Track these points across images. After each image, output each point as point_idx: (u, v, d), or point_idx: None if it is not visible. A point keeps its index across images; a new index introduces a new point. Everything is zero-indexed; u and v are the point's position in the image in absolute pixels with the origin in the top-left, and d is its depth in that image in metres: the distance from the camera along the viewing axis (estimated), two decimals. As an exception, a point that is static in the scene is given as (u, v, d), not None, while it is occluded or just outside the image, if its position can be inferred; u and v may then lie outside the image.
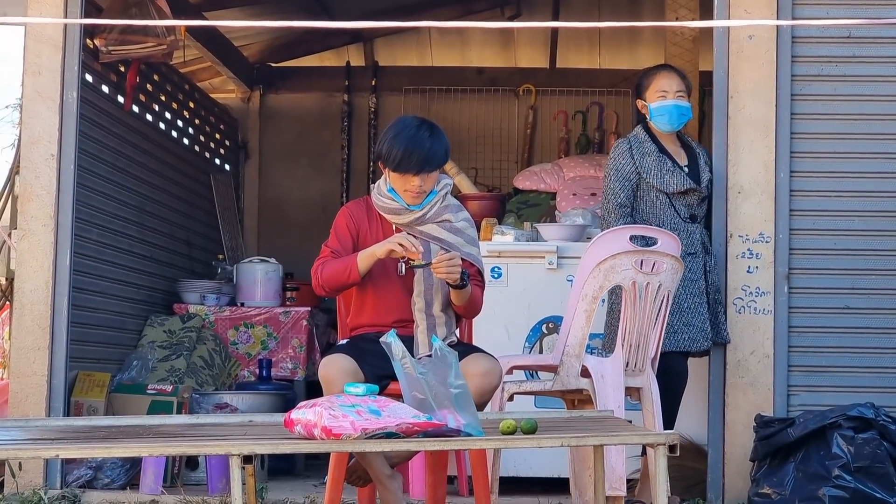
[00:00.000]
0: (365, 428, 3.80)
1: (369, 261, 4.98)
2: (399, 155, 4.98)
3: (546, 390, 5.57)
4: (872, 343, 6.05)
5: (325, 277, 5.04)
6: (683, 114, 5.99)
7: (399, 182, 5.04)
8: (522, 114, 10.49)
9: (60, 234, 6.31)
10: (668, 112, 5.96)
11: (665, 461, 3.90)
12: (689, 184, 5.93)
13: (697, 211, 6.00)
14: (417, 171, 4.99)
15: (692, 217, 5.97)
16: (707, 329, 5.87)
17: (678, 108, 5.97)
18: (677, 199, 5.95)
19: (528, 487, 6.38)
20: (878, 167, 6.09)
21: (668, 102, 5.97)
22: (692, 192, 5.96)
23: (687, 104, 6.01)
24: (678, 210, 5.95)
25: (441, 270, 4.90)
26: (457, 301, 5.06)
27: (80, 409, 6.69)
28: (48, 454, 4.04)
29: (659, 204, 5.94)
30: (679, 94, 5.98)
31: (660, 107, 5.98)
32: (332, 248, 5.10)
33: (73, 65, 6.34)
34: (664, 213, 5.93)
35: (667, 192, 5.93)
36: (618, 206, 5.92)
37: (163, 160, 8.42)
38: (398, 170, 5.00)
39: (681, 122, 6.02)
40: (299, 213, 10.54)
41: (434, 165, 5.02)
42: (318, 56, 10.91)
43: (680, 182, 5.92)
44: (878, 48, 6.11)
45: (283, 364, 8.12)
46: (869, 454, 5.45)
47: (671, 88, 5.98)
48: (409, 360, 4.02)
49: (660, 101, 5.98)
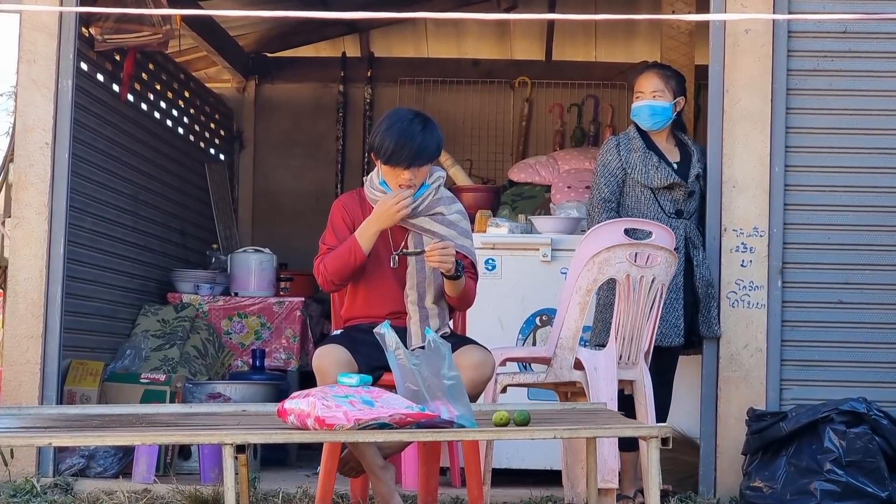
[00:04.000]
0: (358, 418, 3.80)
1: (369, 235, 4.98)
2: (390, 148, 4.98)
3: (539, 382, 5.57)
4: (865, 338, 6.05)
5: (330, 270, 5.03)
6: (657, 113, 5.99)
7: (390, 175, 5.04)
8: (518, 106, 10.48)
9: (54, 222, 6.30)
10: (641, 112, 6.00)
11: (657, 454, 3.90)
12: (673, 178, 5.92)
13: (684, 206, 6.00)
14: (407, 165, 4.99)
15: (678, 213, 5.97)
16: (680, 325, 5.85)
17: (651, 108, 5.98)
18: (662, 194, 5.95)
19: (520, 479, 6.39)
20: (874, 162, 6.10)
21: (642, 103, 6.00)
22: (678, 188, 5.96)
23: (663, 104, 5.98)
24: (663, 205, 5.95)
25: (434, 259, 4.89)
26: (450, 292, 5.05)
27: (74, 397, 6.69)
28: (41, 442, 4.05)
29: (644, 199, 5.95)
30: (656, 95, 5.98)
31: (635, 107, 6.04)
32: (329, 245, 5.10)
33: (69, 53, 6.33)
34: (649, 208, 5.94)
35: (651, 188, 5.93)
36: (601, 200, 5.94)
37: (157, 149, 8.41)
38: (389, 163, 5.01)
39: (654, 122, 6.00)
40: (294, 204, 10.53)
41: (424, 160, 5.02)
42: (314, 46, 10.89)
43: (664, 176, 5.92)
44: (874, 43, 6.11)
45: (277, 354, 8.12)
46: (860, 448, 5.46)
47: (647, 89, 6.00)
48: (402, 351, 4.03)
49: (636, 101, 6.04)
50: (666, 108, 5.99)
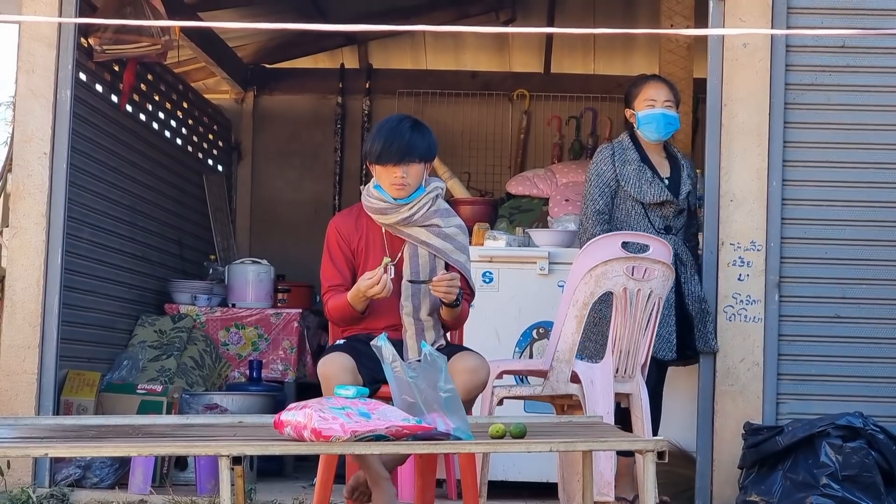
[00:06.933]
0: (354, 430, 3.80)
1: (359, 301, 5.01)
2: (380, 146, 5.03)
3: (536, 395, 5.57)
4: (862, 352, 6.06)
5: (335, 318, 5.14)
6: (671, 123, 5.99)
7: (384, 175, 5.06)
8: (516, 118, 10.50)
9: (52, 232, 6.30)
10: (656, 120, 5.97)
11: (653, 467, 3.90)
12: (667, 195, 5.93)
13: (673, 223, 5.99)
14: (398, 161, 5.01)
15: (667, 228, 5.96)
16: (673, 340, 5.86)
17: (666, 116, 5.97)
18: (653, 210, 5.95)
19: (516, 491, 6.38)
20: (871, 177, 6.10)
21: (656, 111, 5.96)
22: (669, 204, 5.96)
23: (675, 114, 6.01)
24: (653, 221, 5.94)
25: (440, 290, 4.94)
26: (446, 317, 5.11)
27: (70, 408, 6.69)
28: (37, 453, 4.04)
29: (634, 213, 5.94)
30: (667, 104, 5.98)
31: (647, 115, 5.98)
32: (330, 283, 5.14)
33: (67, 63, 6.34)
34: (638, 222, 5.93)
35: (643, 203, 5.93)
36: (596, 212, 5.93)
37: (155, 160, 8.41)
38: (380, 161, 5.04)
39: (668, 132, 6.01)
40: (291, 215, 10.54)
41: (415, 156, 5.04)
42: (313, 58, 10.91)
43: (657, 193, 5.91)
44: (872, 58, 6.12)
45: (274, 365, 8.12)
46: (857, 463, 5.46)
47: (659, 98, 5.98)
48: (399, 363, 4.03)
49: (648, 109, 5.98)
50: (677, 118, 6.01)
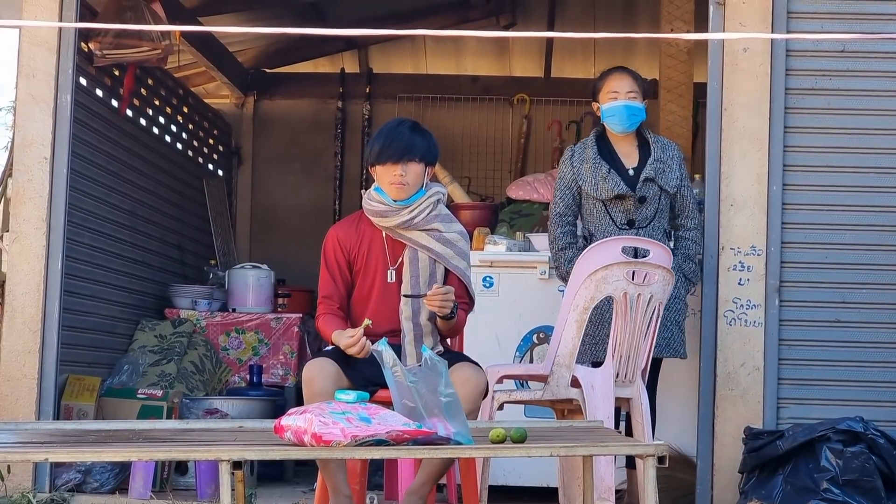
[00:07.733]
0: (355, 435, 3.80)
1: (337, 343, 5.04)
2: (379, 146, 5.08)
3: (536, 400, 5.57)
4: (862, 357, 6.05)
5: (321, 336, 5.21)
6: (634, 114, 5.89)
7: (383, 175, 5.09)
8: (516, 123, 10.50)
9: (52, 237, 6.30)
10: (619, 112, 5.90)
11: (654, 472, 3.90)
12: (620, 189, 5.82)
13: (636, 216, 5.89)
14: (397, 160, 5.05)
15: (629, 223, 5.88)
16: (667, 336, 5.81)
17: (628, 108, 5.89)
18: (612, 204, 5.86)
19: (516, 496, 6.38)
20: (871, 181, 6.10)
21: (619, 103, 5.89)
22: (628, 198, 5.90)
23: (639, 105, 5.90)
24: (614, 217, 5.87)
25: (434, 304, 4.97)
26: (441, 328, 5.14)
27: (70, 412, 6.68)
28: (37, 457, 4.04)
29: (595, 211, 5.89)
30: (631, 95, 5.90)
31: (610, 107, 5.90)
32: (325, 295, 5.18)
33: (68, 68, 6.34)
34: (600, 219, 5.87)
35: (601, 199, 5.87)
36: (557, 215, 5.92)
37: (156, 164, 8.42)
38: (379, 161, 5.07)
39: (633, 122, 5.91)
40: (292, 220, 10.55)
41: (414, 155, 5.06)
42: (313, 62, 10.92)
43: (610, 188, 5.82)
44: (872, 62, 6.12)
45: (274, 370, 8.12)
46: (857, 468, 5.45)
47: (622, 89, 5.91)
48: (399, 368, 4.03)
49: (610, 101, 5.90)
50: (641, 108, 5.91)
